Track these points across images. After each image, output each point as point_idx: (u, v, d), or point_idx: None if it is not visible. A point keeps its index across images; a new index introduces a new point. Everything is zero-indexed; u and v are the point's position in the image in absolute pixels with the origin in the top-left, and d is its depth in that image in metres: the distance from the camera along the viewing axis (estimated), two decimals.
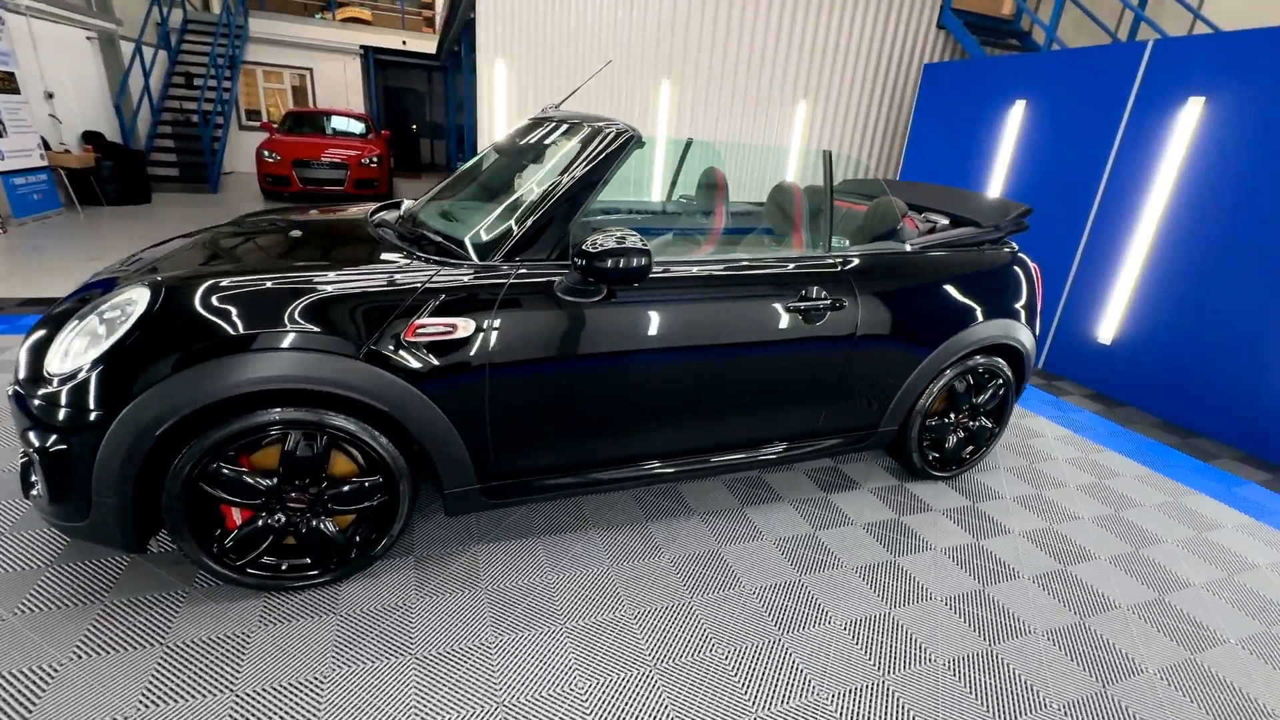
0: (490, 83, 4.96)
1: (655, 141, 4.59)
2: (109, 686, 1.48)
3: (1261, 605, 2.19)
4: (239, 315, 1.56)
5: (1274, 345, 3.30)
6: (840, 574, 2.13)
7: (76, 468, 1.53)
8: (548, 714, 1.52)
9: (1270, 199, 3.30)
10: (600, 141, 1.94)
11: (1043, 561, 2.31)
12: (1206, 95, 3.55)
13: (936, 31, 6.24)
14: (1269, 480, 3.15)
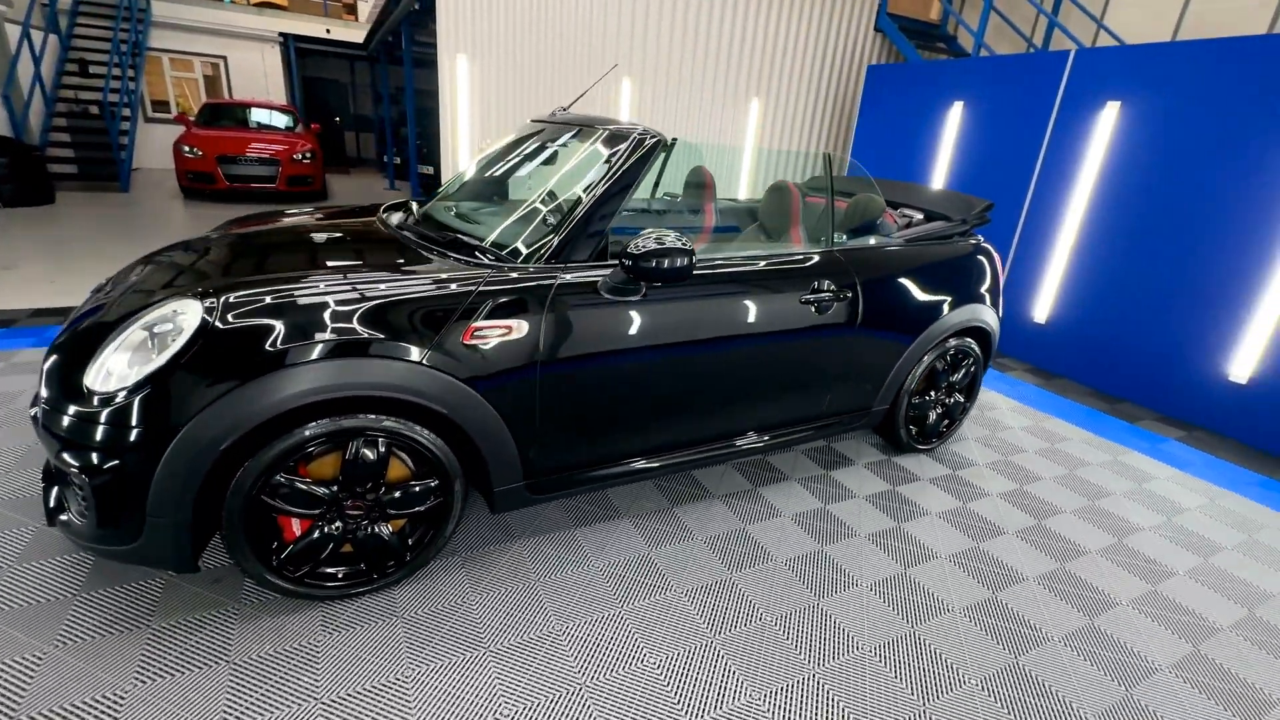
0: (453, 78, 4.87)
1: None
2: (186, 708, 1.45)
3: (1197, 542, 2.57)
4: (300, 324, 1.55)
5: (1181, 321, 3.80)
6: (856, 542, 2.33)
7: (130, 488, 1.48)
8: (628, 690, 1.61)
9: (1176, 191, 3.78)
10: (631, 146, 2.02)
11: (1020, 519, 2.60)
12: (1122, 99, 4.01)
13: (875, 34, 6.63)
14: (1184, 436, 3.64)
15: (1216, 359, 3.68)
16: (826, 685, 1.70)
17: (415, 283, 1.72)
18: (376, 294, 1.65)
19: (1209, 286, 3.68)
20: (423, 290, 1.71)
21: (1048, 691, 1.74)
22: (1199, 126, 3.67)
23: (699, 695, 1.62)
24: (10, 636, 1.58)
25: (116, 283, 2.02)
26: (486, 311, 1.74)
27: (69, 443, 1.48)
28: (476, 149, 5.12)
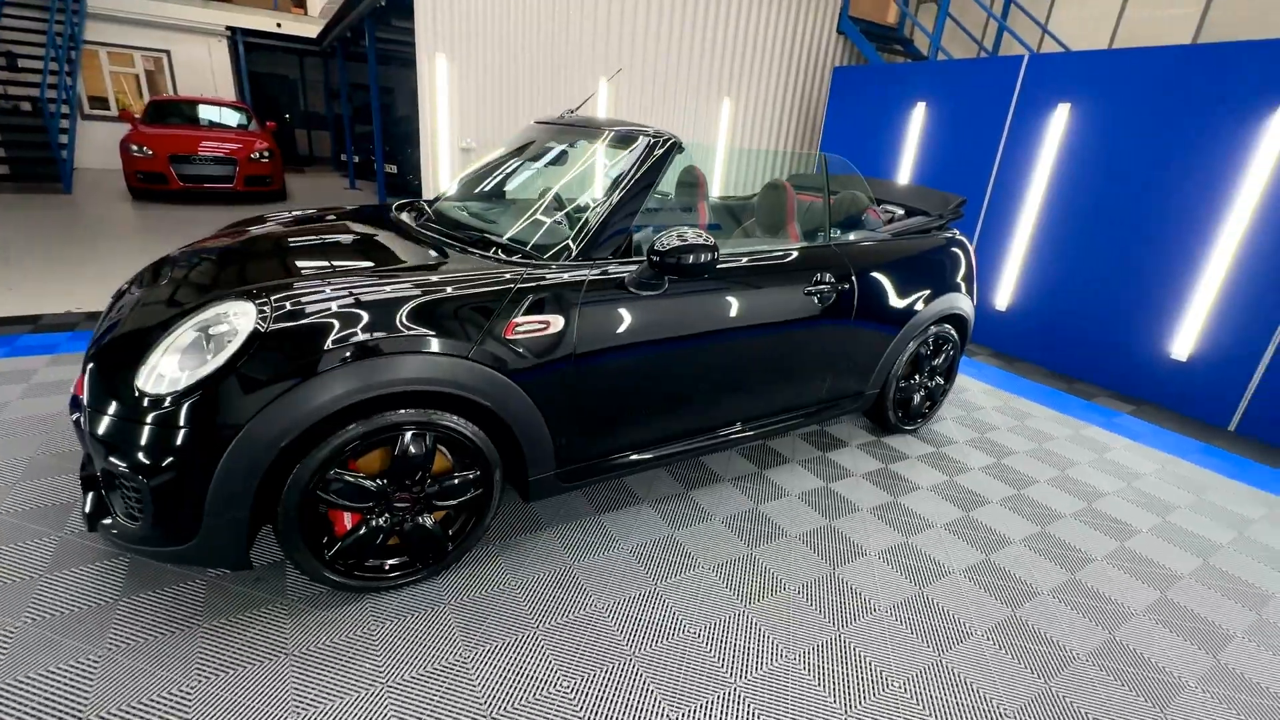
0: (432, 78, 4.85)
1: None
2: (255, 697, 1.49)
3: (1153, 502, 2.85)
4: (354, 322, 1.60)
5: (1128, 306, 4.15)
6: (860, 517, 2.50)
7: (189, 488, 1.50)
8: (673, 657, 1.73)
9: (1122, 186, 4.12)
10: (649, 149, 2.13)
11: (1002, 489, 2.83)
12: (1071, 102, 4.33)
13: (838, 37, 6.89)
14: (1135, 410, 3.98)
15: (1160, 340, 4.04)
16: (851, 642, 1.85)
17: (458, 281, 1.79)
18: (424, 292, 1.71)
19: (1152, 274, 4.03)
20: (466, 288, 1.77)
21: (1044, 638, 1.94)
22: (1140, 127, 4.01)
23: (738, 658, 1.75)
24: (59, 643, 1.58)
25: (139, 284, 2.01)
26: (525, 308, 1.82)
27: (123, 446, 1.50)
28: (458, 148, 5.12)
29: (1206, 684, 1.83)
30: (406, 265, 1.88)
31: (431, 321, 1.69)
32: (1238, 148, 3.61)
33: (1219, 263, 3.74)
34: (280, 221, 2.51)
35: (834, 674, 1.73)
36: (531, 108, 5.34)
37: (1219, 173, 3.69)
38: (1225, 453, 3.49)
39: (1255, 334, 3.65)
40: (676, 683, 1.65)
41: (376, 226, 2.37)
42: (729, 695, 1.63)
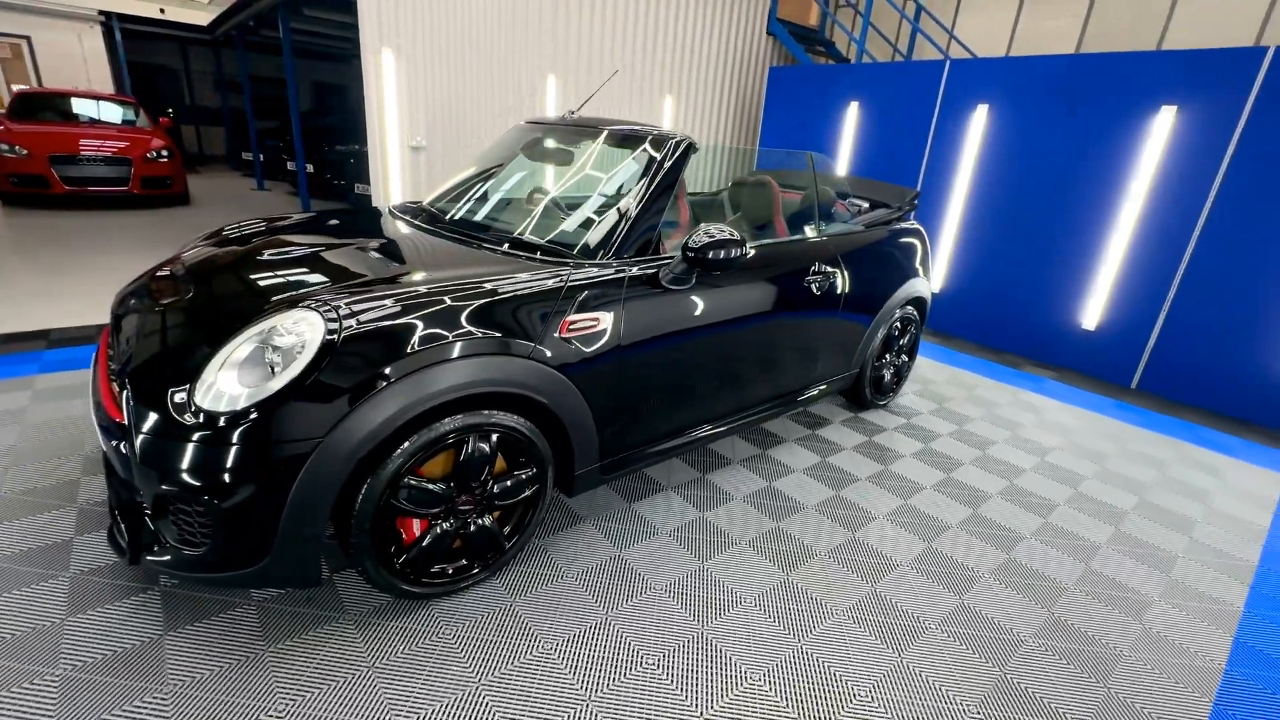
0: (378, 74, 4.65)
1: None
2: (355, 712, 1.47)
3: (1090, 453, 3.29)
4: (424, 327, 1.59)
5: (1044, 284, 4.69)
6: (862, 485, 2.73)
7: (263, 507, 1.45)
8: (739, 624, 1.85)
9: (1035, 177, 4.64)
10: (668, 150, 2.22)
11: (970, 452, 3.17)
12: (989, 103, 4.82)
13: (770, 38, 7.21)
14: (1056, 375, 4.52)
15: (1072, 313, 4.61)
16: (884, 594, 2.05)
17: (511, 283, 1.81)
18: (484, 295, 1.72)
19: (1064, 256, 4.58)
20: (521, 290, 1.80)
21: (1036, 572, 2.23)
22: (1048, 126, 4.53)
23: (792, 620, 1.90)
24: (118, 685, 1.48)
25: (142, 298, 1.87)
26: (576, 306, 1.87)
27: (184, 469, 1.42)
28: (408, 147, 4.95)
29: (1168, 596, 2.19)
30: (457, 270, 1.87)
31: (495, 323, 1.70)
32: (1129, 145, 4.18)
33: (1117, 245, 4.32)
34: (279, 227, 2.39)
35: (878, 623, 1.92)
36: (481, 104, 5.24)
37: (1115, 167, 4.26)
38: (1132, 406, 4.06)
39: (1148, 306, 4.26)
40: (749, 648, 1.78)
41: (392, 230, 2.32)
42: (798, 651, 1.78)
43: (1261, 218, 3.75)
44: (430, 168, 5.11)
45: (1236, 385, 3.98)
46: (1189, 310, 4.10)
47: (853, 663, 1.77)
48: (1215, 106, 3.83)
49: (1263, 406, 3.89)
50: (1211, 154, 3.88)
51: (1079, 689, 1.72)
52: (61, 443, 2.45)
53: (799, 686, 1.67)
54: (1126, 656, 1.88)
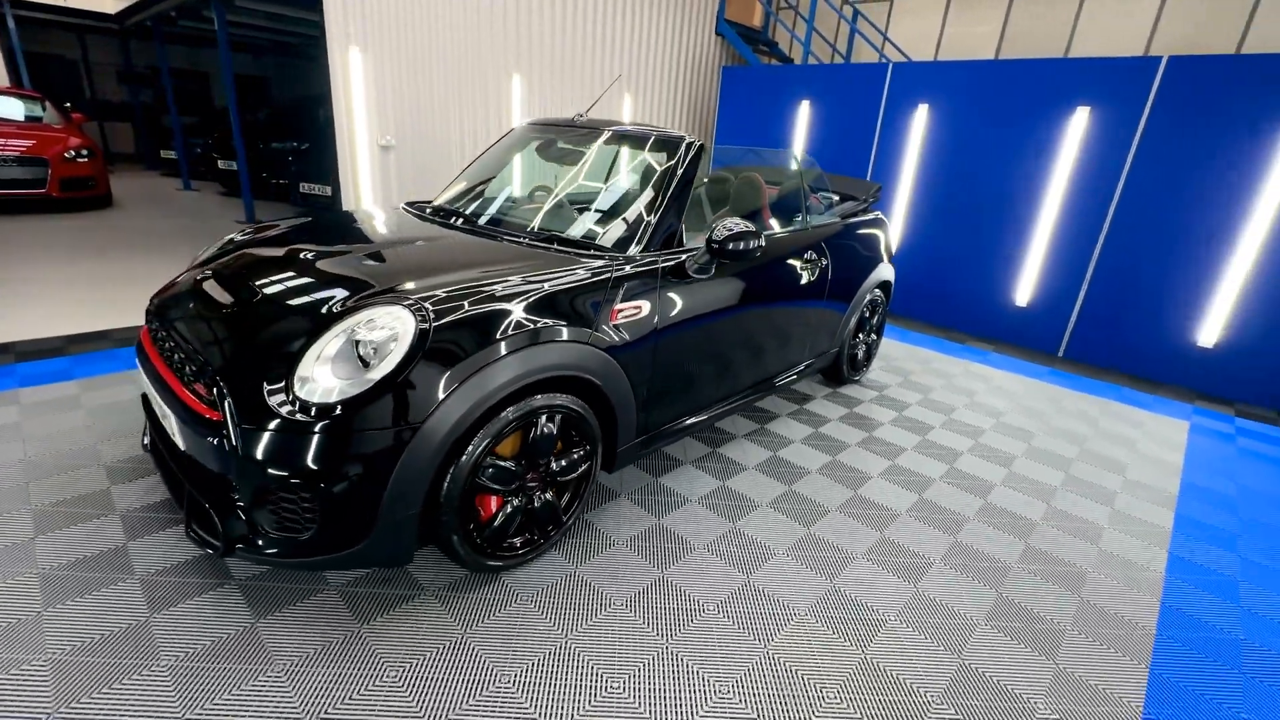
0: (346, 72, 4.58)
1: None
2: (461, 671, 1.60)
3: (1034, 412, 3.76)
4: (503, 317, 1.73)
5: (982, 267, 5.21)
6: (854, 450, 3.04)
7: (368, 490, 1.56)
8: (779, 573, 2.09)
9: (971, 170, 5.14)
10: (682, 151, 2.42)
11: (938, 417, 3.56)
12: (929, 103, 5.28)
13: (719, 38, 7.50)
14: (995, 348, 5.05)
15: (1007, 292, 5.14)
16: (893, 537, 2.35)
17: (569, 277, 1.96)
18: (547, 286, 1.87)
19: (998, 241, 5.10)
20: (578, 283, 1.95)
21: (1008, 512, 2.60)
22: (981, 123, 5.03)
23: (824, 565, 2.16)
24: (225, 669, 1.55)
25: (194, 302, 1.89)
26: (621, 295, 2.04)
27: (291, 459, 1.51)
28: (377, 146, 4.90)
29: (1117, 523, 2.61)
30: (516, 265, 1.99)
31: (559, 312, 1.86)
32: (1052, 141, 4.72)
33: (1044, 230, 4.87)
34: (302, 229, 2.43)
35: (891, 562, 2.21)
36: (450, 103, 5.25)
37: (1040, 160, 4.79)
38: (1061, 372, 4.61)
39: (1070, 284, 4.83)
40: (790, 588, 2.02)
41: (429, 230, 2.40)
42: (832, 588, 2.04)
43: (1160, 204, 4.35)
44: (400, 167, 5.08)
45: (1145, 351, 4.59)
46: (1104, 286, 4.68)
47: (879, 593, 2.04)
48: (1121, 107, 4.39)
49: (1167, 368, 4.52)
50: (1119, 148, 4.45)
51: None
52: (74, 454, 2.40)
53: (847, 610, 1.92)
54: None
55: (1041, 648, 1.89)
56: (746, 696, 1.62)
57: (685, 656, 1.73)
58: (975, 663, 1.81)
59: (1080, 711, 1.67)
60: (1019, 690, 1.72)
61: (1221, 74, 4.02)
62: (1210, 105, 4.07)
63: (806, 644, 1.81)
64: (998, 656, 1.84)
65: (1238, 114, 3.99)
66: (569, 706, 1.54)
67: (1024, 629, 1.96)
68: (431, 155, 5.27)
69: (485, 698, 1.54)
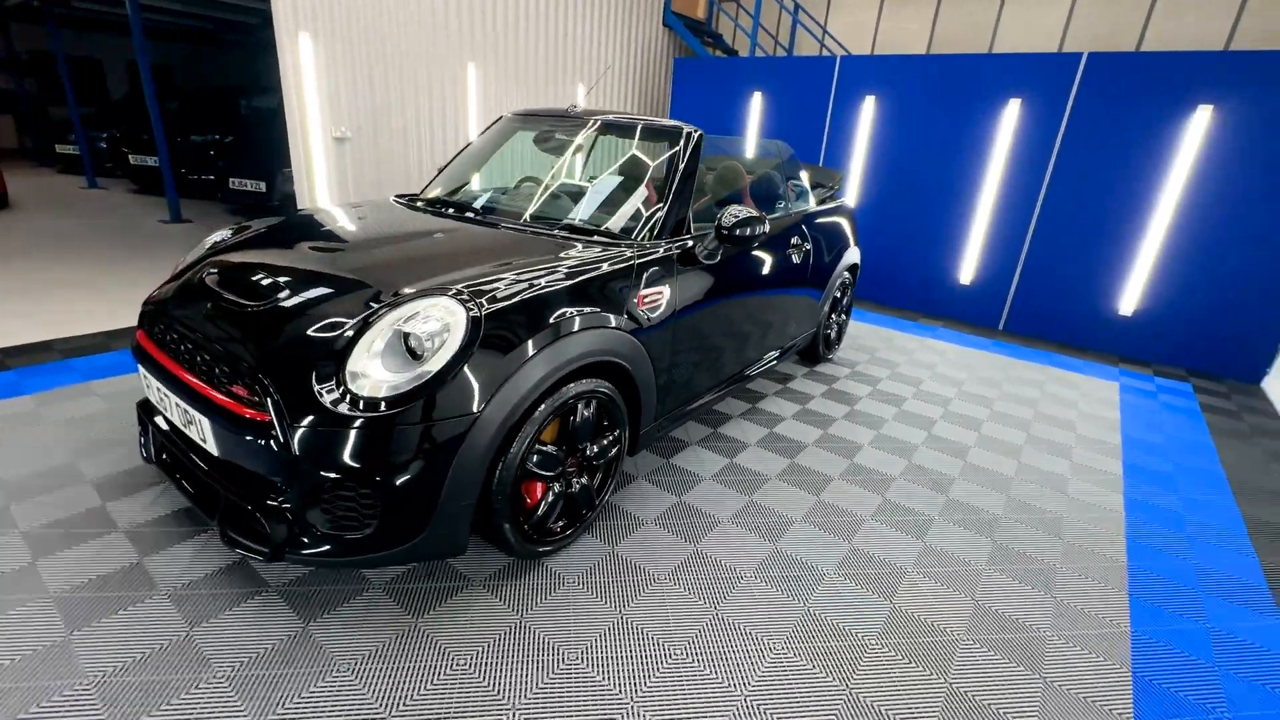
0: (296, 60, 4.35)
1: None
2: (527, 651, 1.63)
3: (990, 380, 4.09)
4: (545, 305, 1.76)
5: (928, 249, 5.57)
6: (842, 423, 3.23)
7: (427, 483, 1.56)
8: (804, 542, 2.22)
9: (916, 158, 5.48)
10: (685, 142, 2.49)
11: (908, 389, 3.81)
12: (875, 95, 5.57)
13: (665, 30, 7.58)
14: (944, 324, 5.43)
15: (952, 272, 5.53)
16: (894, 498, 2.53)
17: (597, 264, 1.99)
18: (581, 276, 1.90)
19: (942, 225, 5.47)
20: (608, 269, 2.00)
21: (985, 470, 2.85)
22: (924, 113, 5.37)
23: (839, 527, 2.31)
24: (287, 674, 1.52)
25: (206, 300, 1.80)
26: (645, 281, 2.10)
27: (349, 456, 1.49)
28: (331, 138, 4.68)
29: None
30: (545, 255, 2.01)
31: (596, 299, 1.90)
32: (988, 131, 5.10)
33: (983, 214, 5.26)
34: (318, 223, 2.35)
35: (898, 521, 2.39)
36: (406, 92, 5.08)
37: (978, 149, 5.17)
38: (1004, 344, 5.02)
39: (1008, 263, 5.25)
40: (817, 552, 2.16)
41: (440, 222, 2.37)
42: (851, 548, 2.19)
43: (1084, 188, 4.80)
44: (356, 160, 4.88)
45: (1075, 321, 5.07)
46: (1037, 264, 5.12)
47: (894, 549, 2.21)
48: (1048, 99, 4.81)
49: (1094, 335, 5.01)
50: (1047, 137, 4.87)
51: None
52: (52, 473, 2.23)
53: (870, 566, 2.08)
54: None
55: (1038, 584, 2.11)
56: (800, 651, 1.73)
57: (734, 619, 1.82)
58: (986, 601, 2.00)
59: (1075, 633, 1.89)
60: (1024, 619, 1.92)
61: (1134, 69, 4.47)
62: (1125, 97, 4.53)
63: (840, 599, 1.95)
64: (1004, 592, 2.04)
65: (1149, 105, 4.46)
66: (637, 676, 1.60)
67: (1021, 570, 2.18)
68: (388, 147, 5.10)
69: (557, 675, 1.58)
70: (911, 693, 1.63)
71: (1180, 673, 1.79)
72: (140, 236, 6.18)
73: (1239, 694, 1.73)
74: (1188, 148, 4.38)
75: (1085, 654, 1.82)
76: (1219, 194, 4.35)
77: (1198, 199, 4.42)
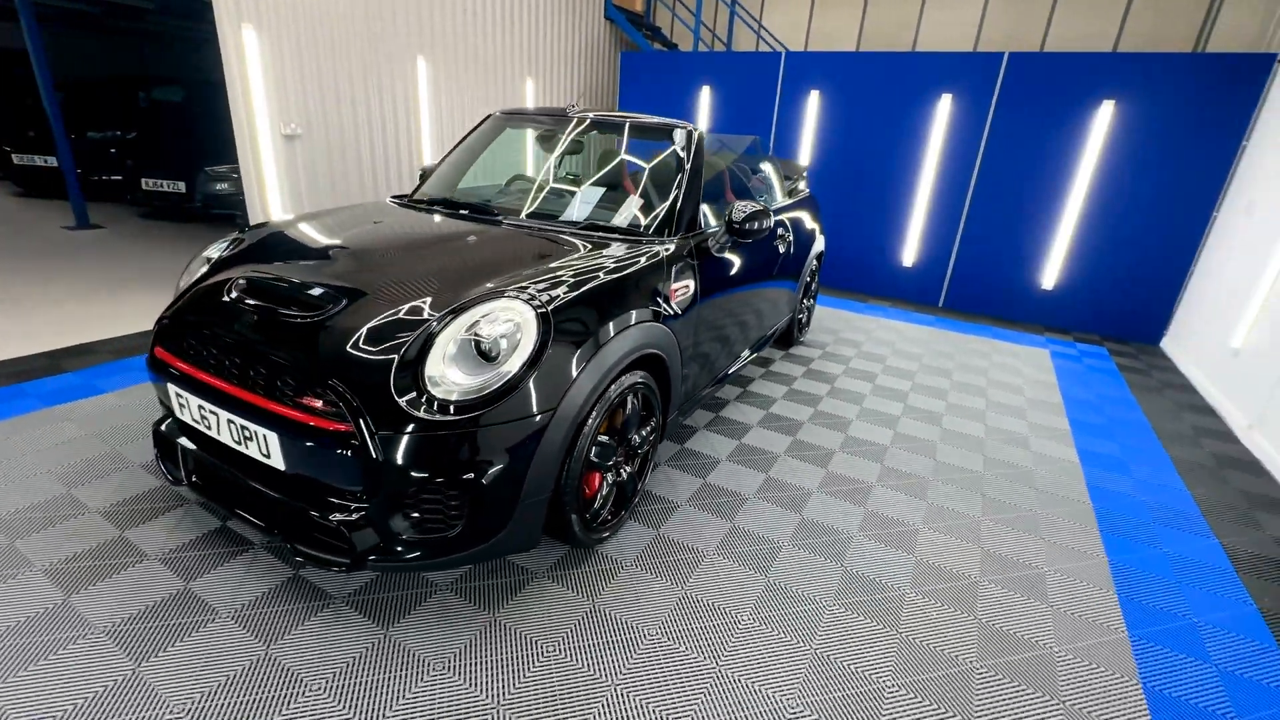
0: (241, 53, 4.07)
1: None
2: (607, 631, 1.72)
3: (943, 354, 4.48)
4: (603, 302, 1.83)
5: (875, 234, 5.97)
6: (828, 401, 3.47)
7: (512, 480, 1.61)
8: (822, 511, 2.41)
9: (861, 148, 5.83)
10: (690, 139, 2.60)
11: (876, 366, 4.12)
12: (820, 89, 5.88)
13: (607, 23, 7.60)
14: (891, 303, 5.84)
15: (896, 256, 5.95)
16: (891, 465, 2.78)
17: (636, 260, 2.07)
18: (625, 271, 1.98)
19: (886, 211, 5.87)
20: (643, 265, 2.08)
21: (959, 434, 3.17)
22: (865, 107, 5.72)
23: (849, 495, 2.52)
24: (380, 680, 1.54)
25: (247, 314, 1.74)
26: (674, 276, 2.21)
27: (445, 458, 1.52)
28: (280, 135, 4.43)
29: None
30: (584, 254, 2.06)
31: (639, 295, 1.99)
32: (923, 123, 5.51)
33: (922, 200, 5.69)
34: (338, 226, 2.28)
35: (899, 484, 2.64)
36: (356, 86, 4.87)
37: (915, 140, 5.58)
38: (946, 320, 5.48)
39: (945, 245, 5.71)
40: (839, 519, 2.35)
41: (454, 224, 2.36)
42: (868, 513, 2.40)
43: (1009, 176, 5.29)
44: (309, 158, 4.65)
45: (1005, 296, 5.60)
46: (971, 246, 5.61)
47: (903, 510, 2.45)
48: (975, 94, 5.26)
49: (1022, 308, 5.55)
50: (975, 129, 5.33)
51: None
52: (50, 505, 2.07)
53: (887, 526, 2.29)
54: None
55: (1026, 529, 2.41)
56: (845, 605, 1.91)
57: (786, 584, 1.98)
58: (991, 548, 2.26)
59: (1065, 566, 2.18)
60: (1021, 558, 2.20)
61: (1049, 67, 4.97)
62: (1041, 92, 5.03)
63: (869, 557, 2.15)
64: (1000, 538, 2.31)
65: (1062, 99, 4.98)
66: (715, 643, 1.73)
67: (1013, 519, 2.47)
68: (341, 144, 4.88)
69: (643, 651, 1.68)
70: (949, 626, 1.85)
71: (1148, 582, 2.11)
72: (46, 245, 5.61)
73: (1175, 581, 2.08)
74: (1095, 138, 4.93)
75: (1075, 582, 2.11)
76: (1121, 179, 4.94)
77: (1104, 183, 5.00)
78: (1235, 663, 1.82)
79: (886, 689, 1.62)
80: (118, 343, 3.51)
